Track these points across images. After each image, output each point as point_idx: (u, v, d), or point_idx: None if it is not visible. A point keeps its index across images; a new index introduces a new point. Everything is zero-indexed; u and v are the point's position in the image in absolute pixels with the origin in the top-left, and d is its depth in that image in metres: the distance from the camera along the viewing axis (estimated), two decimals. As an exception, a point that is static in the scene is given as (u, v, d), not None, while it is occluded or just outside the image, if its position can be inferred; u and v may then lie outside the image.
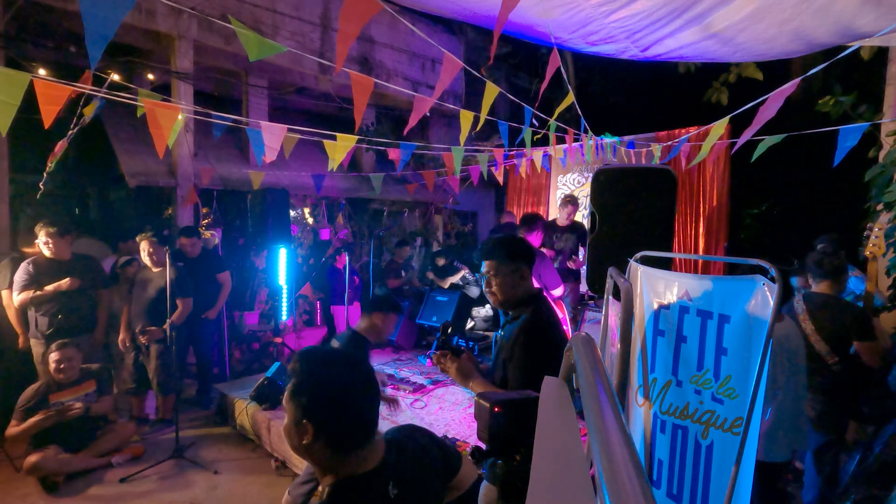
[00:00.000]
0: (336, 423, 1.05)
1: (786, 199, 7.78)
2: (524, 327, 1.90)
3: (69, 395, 3.54)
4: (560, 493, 0.51)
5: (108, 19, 1.35)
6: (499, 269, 1.98)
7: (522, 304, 2.00)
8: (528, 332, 1.89)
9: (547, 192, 7.14)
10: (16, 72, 1.78)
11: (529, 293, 2.02)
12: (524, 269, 2.00)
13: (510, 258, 1.98)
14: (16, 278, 3.75)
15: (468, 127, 2.88)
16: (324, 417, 1.04)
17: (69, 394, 3.54)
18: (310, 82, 7.06)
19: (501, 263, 1.98)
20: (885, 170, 3.43)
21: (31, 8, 4.55)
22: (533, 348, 1.86)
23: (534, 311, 1.95)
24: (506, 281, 1.98)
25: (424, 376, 4.81)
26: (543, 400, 0.78)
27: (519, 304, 2.00)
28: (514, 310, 2.02)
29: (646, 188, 2.68)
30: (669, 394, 1.95)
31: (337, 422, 1.05)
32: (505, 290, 1.98)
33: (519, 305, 2.00)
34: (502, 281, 1.98)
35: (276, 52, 1.96)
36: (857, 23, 2.42)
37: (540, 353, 1.84)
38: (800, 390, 2.49)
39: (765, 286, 1.58)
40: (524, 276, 2.00)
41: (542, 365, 1.63)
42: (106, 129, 5.87)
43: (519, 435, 1.09)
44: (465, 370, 1.93)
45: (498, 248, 2.01)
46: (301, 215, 7.47)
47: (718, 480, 1.73)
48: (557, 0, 2.51)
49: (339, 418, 1.05)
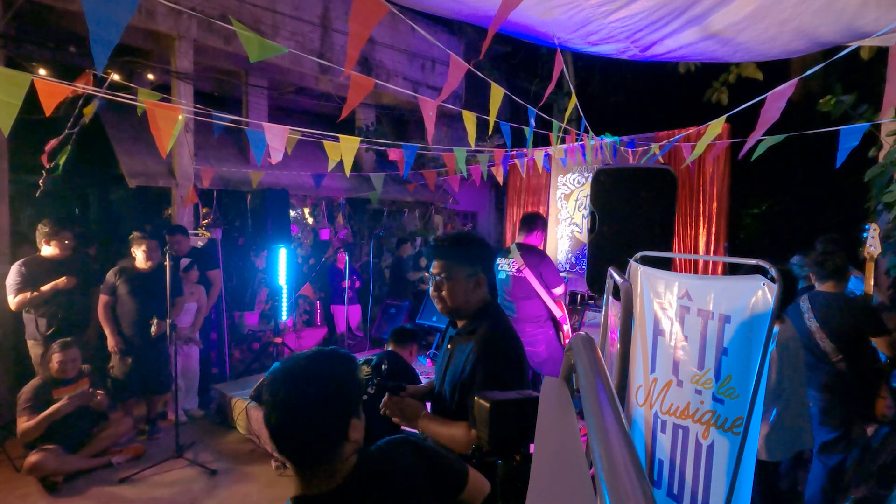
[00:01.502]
0: (288, 439, 1.02)
1: (786, 199, 7.77)
2: (483, 344, 1.62)
3: (67, 393, 3.54)
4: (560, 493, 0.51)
5: (113, 24, 1.35)
6: (453, 272, 1.69)
7: (476, 315, 1.72)
8: (488, 350, 1.61)
9: (547, 192, 7.14)
10: (17, 72, 1.78)
11: (484, 303, 1.75)
12: (482, 276, 1.73)
13: (468, 261, 1.71)
14: (8, 281, 3.72)
15: (473, 128, 2.88)
16: (276, 433, 1.02)
17: (68, 391, 3.55)
18: (309, 82, 7.06)
19: (457, 265, 1.70)
20: (885, 170, 3.43)
21: (31, 8, 4.55)
22: (496, 367, 1.59)
23: (492, 324, 1.68)
24: (459, 287, 1.69)
25: (424, 376, 4.81)
26: (543, 400, 0.78)
27: (472, 314, 1.73)
28: (466, 321, 1.75)
29: (646, 188, 2.68)
30: (670, 394, 1.95)
31: (289, 438, 1.02)
32: (457, 297, 1.70)
33: (472, 317, 1.73)
34: (455, 286, 1.69)
35: (276, 52, 1.96)
36: (857, 22, 2.42)
37: (505, 373, 1.59)
38: (801, 390, 2.49)
39: (765, 286, 1.58)
40: (480, 283, 1.72)
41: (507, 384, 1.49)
42: (106, 129, 5.87)
43: (519, 435, 1.08)
44: (408, 411, 1.68)
45: (455, 247, 1.73)
46: (301, 215, 7.47)
47: (719, 480, 1.73)
48: (558, 0, 2.51)
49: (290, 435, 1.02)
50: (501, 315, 1.78)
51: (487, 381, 1.55)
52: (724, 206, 5.46)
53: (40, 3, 4.55)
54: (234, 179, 6.17)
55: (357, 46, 1.82)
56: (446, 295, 1.70)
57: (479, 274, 1.71)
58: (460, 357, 1.66)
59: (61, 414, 3.41)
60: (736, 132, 4.84)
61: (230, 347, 5.67)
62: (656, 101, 8.30)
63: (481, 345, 1.62)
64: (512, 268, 3.83)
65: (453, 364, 1.69)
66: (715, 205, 5.46)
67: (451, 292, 1.69)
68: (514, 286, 3.82)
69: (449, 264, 1.70)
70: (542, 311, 3.80)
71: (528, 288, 3.76)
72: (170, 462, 3.65)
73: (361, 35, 1.81)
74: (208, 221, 6.12)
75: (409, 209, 8.83)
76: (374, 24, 1.80)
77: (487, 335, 1.64)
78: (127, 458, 3.69)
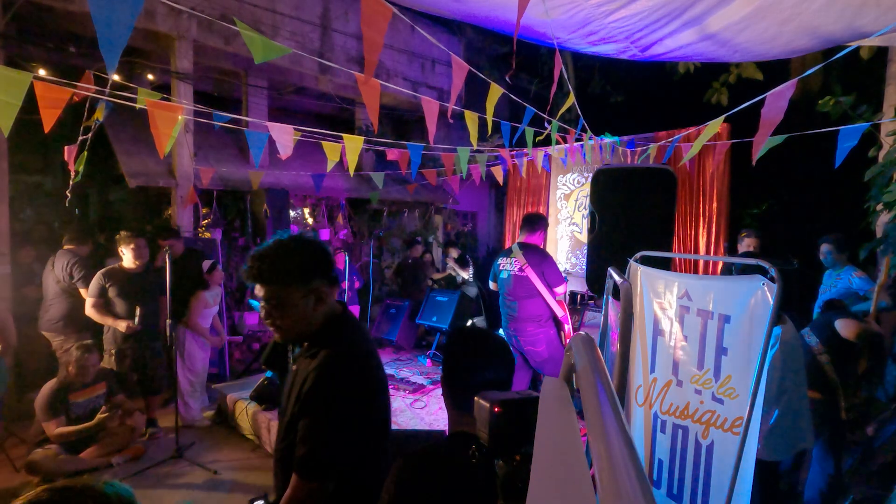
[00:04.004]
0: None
1: (786, 199, 7.77)
2: (322, 369, 1.35)
3: (83, 396, 3.56)
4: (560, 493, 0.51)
5: (120, 25, 1.35)
6: (283, 296, 1.39)
7: (320, 334, 1.45)
8: (325, 377, 1.34)
9: (547, 192, 7.14)
10: (16, 72, 1.78)
11: (330, 317, 1.47)
12: (322, 286, 1.44)
13: (299, 277, 1.41)
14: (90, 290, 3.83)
15: (475, 128, 2.88)
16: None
17: (84, 394, 3.57)
18: (309, 82, 7.06)
19: (285, 287, 1.40)
20: (884, 170, 3.43)
21: (31, 8, 4.55)
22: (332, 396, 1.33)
23: (335, 346, 1.41)
24: (296, 310, 1.40)
25: (424, 376, 4.81)
26: (543, 400, 0.78)
27: (316, 334, 1.45)
28: (309, 341, 1.47)
29: (646, 188, 2.68)
30: (670, 394, 1.95)
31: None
32: (297, 324, 1.42)
33: (316, 336, 1.45)
34: (290, 312, 1.40)
35: (281, 53, 1.95)
36: (858, 22, 2.43)
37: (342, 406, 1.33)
38: (802, 390, 2.50)
39: (765, 286, 1.58)
40: (321, 296, 1.43)
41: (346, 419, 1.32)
42: (106, 130, 5.87)
43: (519, 435, 1.09)
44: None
45: (278, 266, 1.40)
46: (301, 215, 7.47)
47: (718, 480, 1.73)
48: (558, 0, 2.52)
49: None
50: (351, 330, 1.49)
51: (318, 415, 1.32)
52: (724, 206, 5.46)
53: (40, 3, 4.55)
54: (234, 179, 6.17)
55: (374, 51, 1.80)
56: (282, 323, 1.42)
57: (316, 286, 1.43)
58: (301, 381, 1.39)
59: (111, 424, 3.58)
60: (736, 133, 4.84)
61: (230, 347, 5.67)
62: (656, 102, 8.29)
63: (319, 370, 1.35)
64: (514, 267, 3.83)
65: (295, 388, 1.42)
66: (715, 205, 5.47)
67: (287, 319, 1.41)
68: (516, 285, 3.82)
69: (275, 288, 1.40)
70: (543, 310, 3.80)
71: (530, 287, 3.76)
72: (170, 462, 3.65)
73: (376, 40, 1.79)
74: (208, 222, 6.12)
75: (409, 209, 8.84)
76: (385, 27, 1.79)
77: (327, 361, 1.36)
78: (127, 458, 3.69)
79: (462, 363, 1.24)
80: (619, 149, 5.61)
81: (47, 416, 3.39)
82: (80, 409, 3.54)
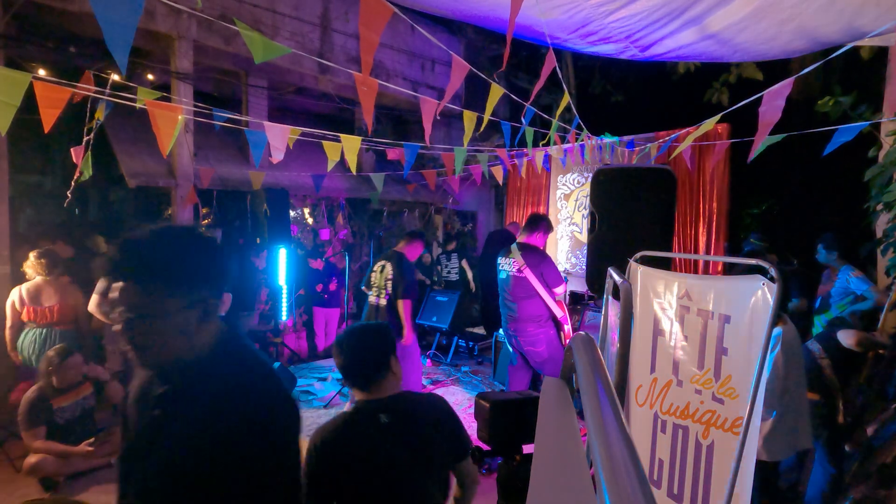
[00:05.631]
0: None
1: (786, 198, 7.78)
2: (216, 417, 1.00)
3: (68, 400, 3.51)
4: (560, 493, 0.51)
5: (124, 24, 1.36)
6: (156, 306, 0.99)
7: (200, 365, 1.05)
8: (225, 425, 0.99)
9: (547, 192, 7.14)
10: (16, 72, 1.78)
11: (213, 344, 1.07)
12: (211, 299, 1.06)
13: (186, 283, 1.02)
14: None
15: (471, 127, 2.88)
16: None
17: (68, 398, 3.52)
18: (309, 82, 7.06)
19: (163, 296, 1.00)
20: (884, 170, 3.43)
21: (31, 8, 4.55)
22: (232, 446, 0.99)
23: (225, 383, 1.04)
24: (170, 327, 1.01)
25: (424, 376, 4.81)
26: (543, 400, 0.78)
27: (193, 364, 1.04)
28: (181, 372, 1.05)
29: (646, 188, 2.68)
30: (670, 394, 1.95)
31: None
32: (169, 346, 1.02)
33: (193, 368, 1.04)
34: (162, 329, 1.00)
35: (281, 53, 1.95)
36: (857, 22, 2.43)
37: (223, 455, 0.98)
38: (802, 390, 2.50)
39: (765, 286, 1.58)
40: (210, 310, 1.05)
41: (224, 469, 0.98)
42: (106, 129, 5.87)
43: (519, 435, 1.09)
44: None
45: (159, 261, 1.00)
46: (301, 215, 7.47)
47: (719, 480, 1.73)
48: (557, 0, 2.52)
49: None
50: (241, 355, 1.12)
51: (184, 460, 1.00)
52: (724, 206, 5.46)
53: (40, 3, 4.55)
54: (234, 179, 6.17)
55: (370, 51, 1.81)
56: (145, 342, 1.01)
57: (206, 299, 1.04)
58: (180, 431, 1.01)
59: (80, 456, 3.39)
60: (736, 133, 4.84)
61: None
62: (656, 102, 8.30)
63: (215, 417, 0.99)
64: (513, 267, 3.83)
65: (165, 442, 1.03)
66: (715, 205, 5.46)
67: (161, 337, 1.01)
68: (515, 286, 3.82)
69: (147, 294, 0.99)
70: (542, 310, 3.80)
71: (529, 288, 3.76)
72: (170, 462, 3.64)
73: (372, 39, 1.80)
74: (208, 222, 6.12)
75: (409, 209, 8.84)
76: (383, 27, 1.80)
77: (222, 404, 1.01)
78: (127, 458, 3.68)
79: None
80: (619, 149, 5.60)
81: (27, 426, 3.30)
82: (69, 412, 3.45)
